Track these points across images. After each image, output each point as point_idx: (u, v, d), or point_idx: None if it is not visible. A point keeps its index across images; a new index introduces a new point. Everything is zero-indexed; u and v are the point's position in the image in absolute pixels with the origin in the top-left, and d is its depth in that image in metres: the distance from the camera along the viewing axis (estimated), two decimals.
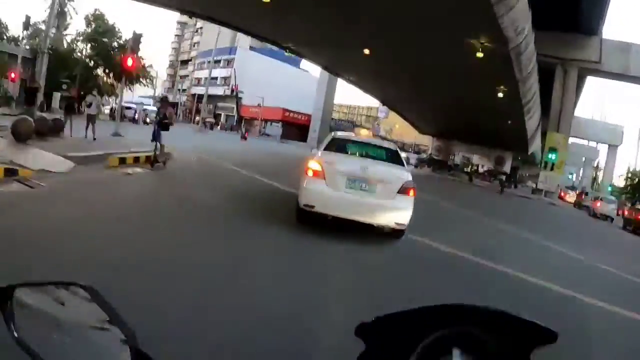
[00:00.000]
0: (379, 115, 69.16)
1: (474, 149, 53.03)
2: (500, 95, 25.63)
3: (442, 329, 0.70)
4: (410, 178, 5.99)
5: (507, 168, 48.76)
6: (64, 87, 32.81)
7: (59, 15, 38.70)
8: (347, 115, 66.71)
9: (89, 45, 39.14)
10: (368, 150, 6.88)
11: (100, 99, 43.54)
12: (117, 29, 40.82)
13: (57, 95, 32.81)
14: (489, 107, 29.39)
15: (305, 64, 78.35)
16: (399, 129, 74.30)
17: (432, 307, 0.70)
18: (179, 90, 77.34)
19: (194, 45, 75.30)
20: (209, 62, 69.22)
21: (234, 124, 58.39)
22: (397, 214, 5.74)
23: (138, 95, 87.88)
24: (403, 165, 6.57)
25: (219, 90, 62.20)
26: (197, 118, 65.39)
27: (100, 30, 38.74)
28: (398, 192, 5.74)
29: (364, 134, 8.21)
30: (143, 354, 0.62)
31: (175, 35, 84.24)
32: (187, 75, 75.48)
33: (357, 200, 5.71)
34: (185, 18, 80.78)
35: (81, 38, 39.01)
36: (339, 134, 8.17)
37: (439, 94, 31.60)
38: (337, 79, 53.87)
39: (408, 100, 39.14)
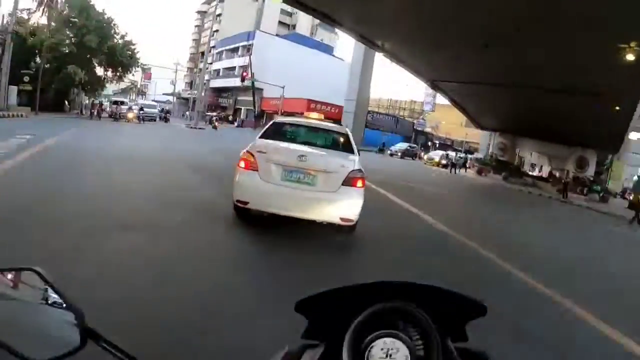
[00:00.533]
0: (425, 109, 59.12)
1: (546, 148, 42.16)
2: (631, 57, 15.54)
3: (377, 303, 0.73)
4: (358, 167, 5.24)
5: (590, 172, 37.71)
6: (26, 79, 27.79)
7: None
8: (388, 109, 56.79)
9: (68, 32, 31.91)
10: (313, 136, 6.14)
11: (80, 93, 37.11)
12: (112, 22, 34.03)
13: (13, 89, 26.70)
14: (594, 83, 19.34)
15: (340, 51, 69.76)
16: (445, 125, 64.26)
17: (369, 284, 0.75)
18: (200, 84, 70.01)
19: (213, 35, 67.65)
20: (226, 50, 61.76)
21: (254, 119, 49.78)
22: (342, 208, 5.06)
23: (162, 93, 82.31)
24: (353, 152, 5.69)
25: (237, 82, 54.14)
26: (213, 114, 58.01)
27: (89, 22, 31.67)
28: (343, 184, 5.04)
29: (313, 117, 6.76)
30: (92, 331, 0.66)
31: (195, 25, 77.10)
32: (207, 68, 67.93)
33: (294, 194, 5.01)
34: (205, 7, 74.26)
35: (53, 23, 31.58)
36: (281, 118, 7.81)
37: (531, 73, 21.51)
38: (373, 60, 44.71)
39: (478, 83, 28.86)
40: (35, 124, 18.91)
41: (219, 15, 66.90)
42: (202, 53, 72.48)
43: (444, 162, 38.45)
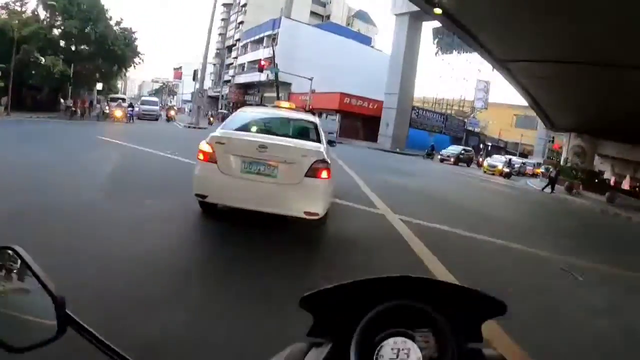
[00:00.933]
0: (476, 105, 51.48)
1: (629, 151, 33.94)
2: None
3: (388, 301, 0.70)
4: (322, 157, 4.83)
5: None
6: None
7: None
8: (434, 107, 49.46)
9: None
10: (278, 126, 5.81)
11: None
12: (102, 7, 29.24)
13: None
14: None
15: (379, 43, 62.79)
16: (495, 124, 56.35)
17: (379, 279, 0.71)
18: (224, 82, 64.98)
19: (238, 27, 62.44)
20: (251, 43, 56.25)
21: None
22: (305, 201, 4.74)
23: (190, 92, 77.96)
24: (319, 142, 5.33)
25: (262, 77, 48.37)
26: (218, 112, 52.66)
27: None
28: (306, 175, 4.72)
29: (284, 107, 6.52)
30: (72, 319, 0.63)
31: (222, 19, 72.16)
32: (232, 63, 62.68)
33: (255, 187, 4.74)
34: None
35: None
36: (246, 107, 6.96)
37: None
38: (418, 50, 37.96)
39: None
40: None
41: (244, 5, 61.53)
42: (229, 47, 67.63)
43: (506, 170, 30.98)
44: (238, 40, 61.58)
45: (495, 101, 56.78)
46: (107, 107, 27.91)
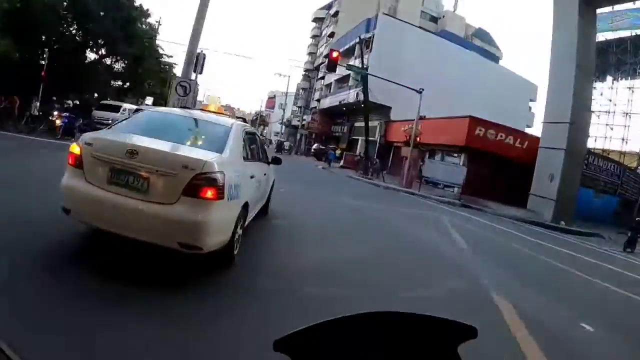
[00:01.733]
0: None
1: None
2: None
3: (365, 337, 0.73)
4: (211, 169, 3.56)
5: None
6: None
7: None
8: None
9: None
10: (174, 129, 4.45)
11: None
12: None
13: None
14: None
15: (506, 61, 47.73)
16: None
17: (355, 316, 0.73)
18: (310, 109, 54.46)
19: (327, 41, 51.72)
20: (341, 55, 44.87)
21: (375, 156, 30.82)
22: (179, 228, 3.48)
23: (278, 122, 69.30)
24: (219, 150, 4.00)
25: (351, 96, 36.50)
26: (315, 145, 41.43)
27: None
28: (184, 192, 3.49)
29: (211, 110, 5.71)
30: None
31: (312, 37, 62.50)
32: (313, 86, 51.92)
33: (121, 204, 3.53)
34: (322, 12, 59.37)
35: None
36: (153, 108, 6.00)
37: None
38: (594, 49, 23.32)
39: None
40: None
41: (336, 14, 50.76)
42: (317, 67, 57.38)
43: None
44: (327, 56, 50.86)
45: None
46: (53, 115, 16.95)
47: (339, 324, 0.72)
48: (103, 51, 24.46)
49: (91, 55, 24.52)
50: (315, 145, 42.87)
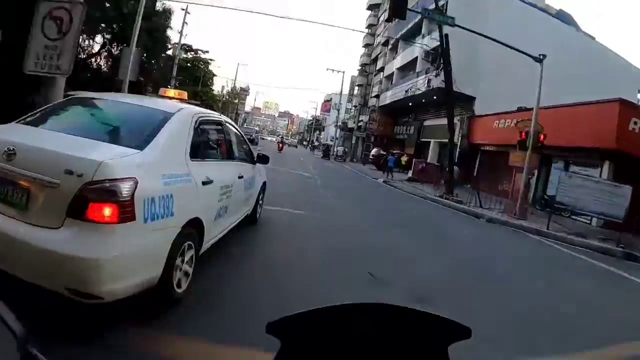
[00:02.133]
0: None
1: None
2: None
3: (356, 327, 0.72)
4: (111, 173, 2.39)
5: None
6: None
7: None
8: None
9: None
10: (99, 121, 3.38)
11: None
12: None
13: None
14: None
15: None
16: None
17: (347, 305, 0.72)
18: (368, 108, 46.96)
19: (386, 24, 43.83)
20: (402, 40, 36.83)
21: (455, 163, 22.17)
22: (65, 265, 2.26)
23: (333, 124, 62.44)
24: (139, 148, 2.74)
25: (419, 85, 28.61)
26: (374, 151, 34.22)
27: None
28: (68, 212, 2.31)
29: (170, 95, 4.68)
30: (34, 356, 0.58)
31: (367, 26, 54.74)
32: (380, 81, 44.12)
33: None
34: None
35: None
36: (87, 93, 4.27)
37: None
38: None
39: None
40: None
41: None
42: (374, 60, 49.75)
43: None
44: (385, 44, 42.97)
45: None
46: None
47: (332, 311, 0.71)
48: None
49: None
50: (374, 150, 35.26)
